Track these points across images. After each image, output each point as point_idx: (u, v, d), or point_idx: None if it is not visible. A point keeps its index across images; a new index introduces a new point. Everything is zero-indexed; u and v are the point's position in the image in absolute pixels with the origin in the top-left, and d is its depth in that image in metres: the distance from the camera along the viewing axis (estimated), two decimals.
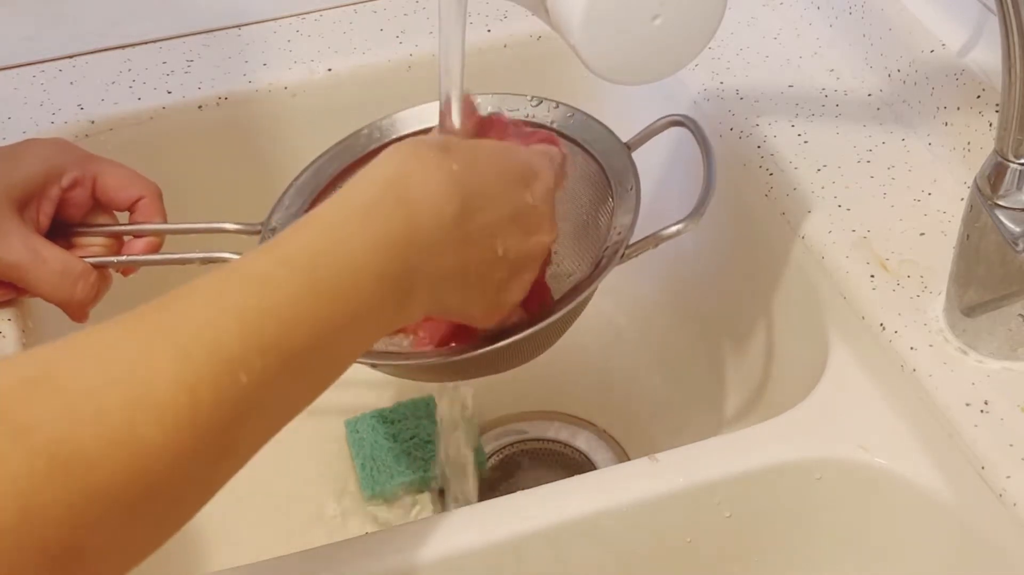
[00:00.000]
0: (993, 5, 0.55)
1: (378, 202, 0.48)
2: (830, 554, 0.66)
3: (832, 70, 0.80)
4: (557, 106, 0.69)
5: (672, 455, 0.63)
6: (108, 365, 0.38)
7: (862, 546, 0.64)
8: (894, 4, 0.79)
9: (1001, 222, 0.58)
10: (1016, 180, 0.58)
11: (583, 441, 0.85)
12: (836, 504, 0.63)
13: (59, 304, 0.63)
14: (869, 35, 0.80)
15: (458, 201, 0.51)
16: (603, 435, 0.85)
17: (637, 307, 0.90)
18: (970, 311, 0.61)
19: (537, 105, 0.69)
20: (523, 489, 0.61)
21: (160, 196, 0.66)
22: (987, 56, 0.72)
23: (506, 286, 0.56)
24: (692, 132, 0.65)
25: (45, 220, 0.63)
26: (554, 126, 0.68)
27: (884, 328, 0.63)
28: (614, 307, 0.90)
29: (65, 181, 0.63)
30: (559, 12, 0.53)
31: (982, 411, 0.59)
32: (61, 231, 0.65)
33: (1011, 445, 0.57)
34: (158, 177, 0.81)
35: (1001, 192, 0.58)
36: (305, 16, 0.88)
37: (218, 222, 0.67)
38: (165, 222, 0.66)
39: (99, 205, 0.66)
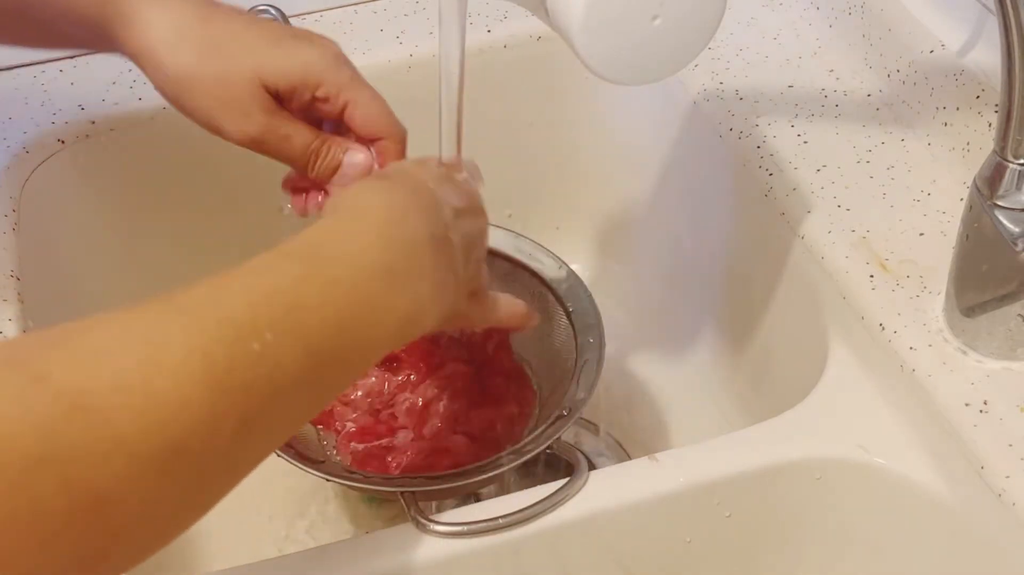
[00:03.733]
0: (993, 5, 0.55)
1: (377, 206, 0.51)
2: (830, 554, 0.66)
3: (832, 70, 0.81)
4: (561, 266, 0.72)
5: (672, 455, 0.63)
6: (123, 332, 0.39)
7: (862, 545, 0.65)
8: (894, 4, 0.79)
9: (1000, 222, 0.58)
10: (1015, 180, 0.58)
11: (583, 441, 0.85)
12: (836, 504, 0.63)
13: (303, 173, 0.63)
14: (869, 35, 0.80)
15: (436, 210, 0.53)
16: (603, 435, 0.85)
17: (637, 307, 0.90)
18: (969, 311, 0.61)
19: (564, 275, 0.72)
20: (522, 489, 0.61)
21: (403, 141, 0.65)
22: (987, 56, 0.72)
23: (472, 267, 0.57)
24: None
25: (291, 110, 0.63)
26: (551, 285, 0.72)
27: (884, 328, 0.63)
28: (614, 306, 0.90)
29: (319, 93, 0.62)
30: (559, 12, 0.53)
31: (981, 411, 0.59)
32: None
33: (1010, 445, 0.57)
34: (159, 178, 0.82)
35: (1000, 192, 0.58)
36: (305, 16, 0.88)
37: None
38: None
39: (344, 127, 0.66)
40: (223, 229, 0.83)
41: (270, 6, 0.86)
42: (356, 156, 0.63)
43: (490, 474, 0.62)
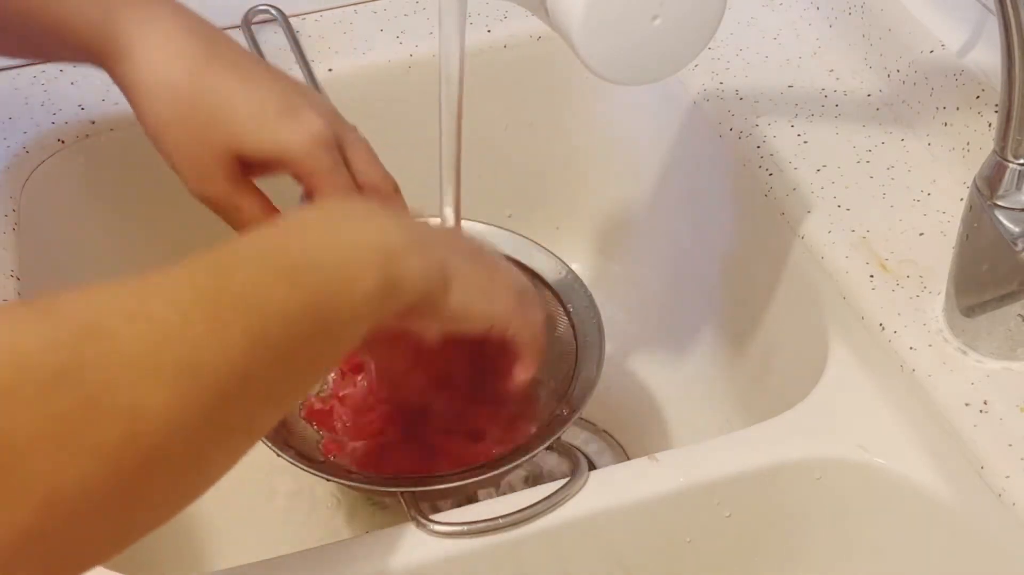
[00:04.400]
0: (993, 5, 0.55)
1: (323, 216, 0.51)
2: (830, 554, 0.66)
3: (832, 70, 0.81)
4: (561, 267, 0.72)
5: (672, 455, 0.63)
6: (122, 282, 0.40)
7: (861, 545, 0.65)
8: (894, 4, 0.79)
9: (1000, 222, 0.58)
10: (1015, 180, 0.58)
11: (583, 441, 0.85)
12: (836, 504, 0.63)
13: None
14: (869, 35, 0.80)
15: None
16: (603, 435, 0.85)
17: (637, 307, 0.90)
18: (969, 311, 0.61)
19: (564, 275, 0.72)
20: (524, 488, 0.61)
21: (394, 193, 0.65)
22: (987, 56, 0.72)
23: (486, 257, 0.57)
24: None
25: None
26: (552, 285, 0.71)
27: (884, 328, 0.63)
28: (614, 306, 0.90)
29: (292, 173, 0.62)
30: (559, 12, 0.53)
31: (981, 411, 0.59)
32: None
33: (1010, 445, 0.57)
34: (160, 178, 0.81)
35: (1000, 192, 0.58)
36: (305, 16, 0.88)
37: None
38: None
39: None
40: (223, 229, 0.83)
41: (271, 6, 0.86)
42: None
43: (489, 474, 0.62)
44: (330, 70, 0.84)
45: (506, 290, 0.57)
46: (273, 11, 0.86)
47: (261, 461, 0.62)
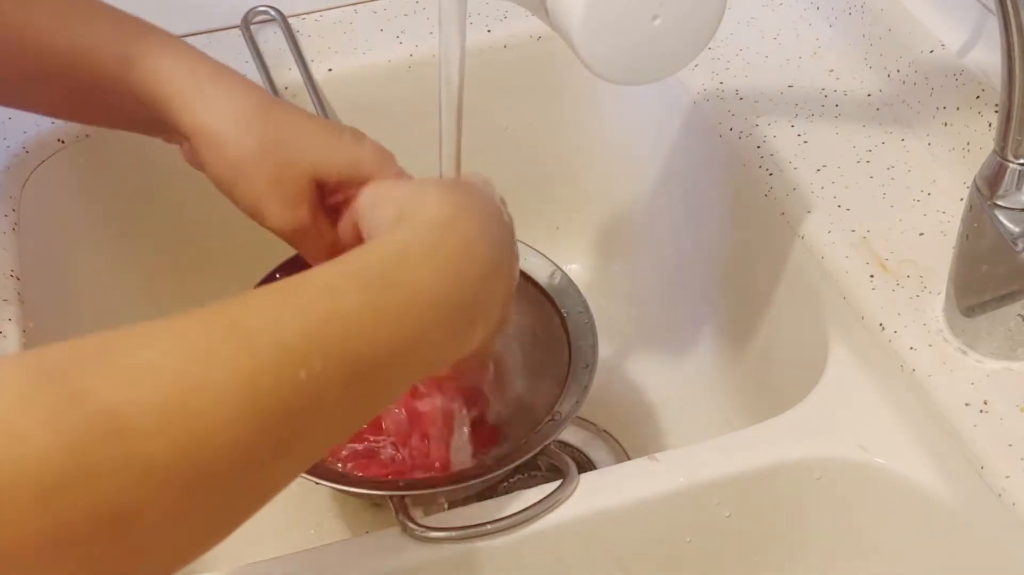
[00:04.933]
0: (993, 5, 0.55)
1: (449, 238, 0.50)
2: (830, 553, 0.66)
3: (832, 70, 0.81)
4: (554, 270, 0.72)
5: (672, 455, 0.63)
6: (168, 344, 0.38)
7: (861, 545, 0.65)
8: (894, 4, 0.79)
9: (1000, 222, 0.58)
10: (1016, 180, 0.58)
11: (583, 441, 0.85)
12: (836, 504, 0.63)
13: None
14: (869, 35, 0.80)
15: (490, 241, 0.53)
16: (603, 435, 0.85)
17: (637, 307, 0.90)
18: (969, 311, 0.61)
19: (558, 279, 0.72)
20: (522, 489, 0.61)
21: None
22: (987, 56, 0.72)
23: (508, 304, 0.57)
24: None
25: (329, 204, 0.63)
26: (545, 289, 0.72)
27: (884, 328, 0.63)
28: (614, 306, 0.90)
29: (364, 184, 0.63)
30: (559, 12, 0.53)
31: (981, 411, 0.59)
32: None
33: (1010, 445, 0.57)
34: (160, 178, 0.82)
35: (1000, 192, 0.58)
36: (305, 16, 0.88)
37: None
38: None
39: None
40: (224, 228, 0.83)
41: (270, 7, 0.86)
42: None
43: (480, 479, 0.62)
44: (330, 70, 0.84)
45: (499, 329, 0.58)
46: (272, 12, 0.86)
47: None
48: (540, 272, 0.72)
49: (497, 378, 0.70)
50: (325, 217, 0.63)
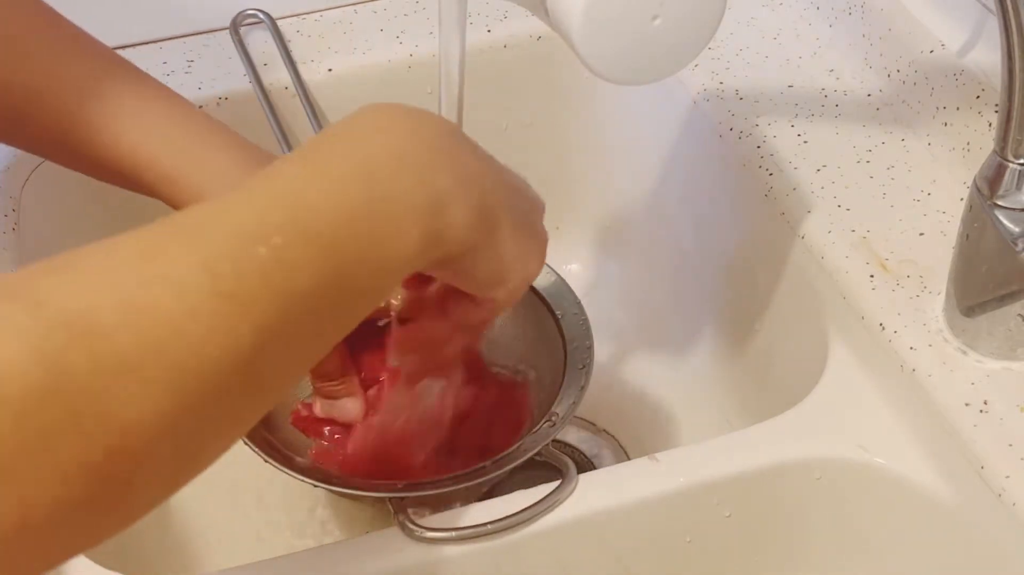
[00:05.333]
0: (993, 5, 0.55)
1: (386, 112, 0.48)
2: (830, 553, 0.66)
3: (832, 70, 0.81)
4: (549, 272, 0.71)
5: (672, 455, 0.63)
6: (123, 252, 0.38)
7: (861, 545, 0.65)
8: (894, 4, 0.79)
9: (1000, 222, 0.58)
10: (1016, 180, 0.58)
11: (583, 441, 0.85)
12: (836, 504, 0.63)
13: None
14: (869, 35, 0.80)
15: (445, 124, 0.51)
16: (603, 435, 0.85)
17: (637, 306, 0.90)
18: (969, 311, 0.61)
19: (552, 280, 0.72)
20: (522, 489, 0.61)
21: None
22: (987, 56, 0.72)
23: (528, 219, 0.55)
24: None
25: None
26: (540, 291, 0.71)
27: (884, 328, 0.63)
28: (614, 306, 0.90)
29: None
30: (559, 12, 0.53)
31: (981, 411, 0.59)
32: None
33: (1010, 445, 0.57)
34: None
35: (1000, 192, 0.58)
36: (305, 16, 0.88)
37: None
38: None
39: None
40: None
41: (259, 10, 0.86)
42: (352, 405, 0.65)
43: (476, 482, 0.62)
44: (330, 70, 0.84)
45: (534, 255, 0.55)
46: (261, 15, 0.86)
47: (253, 463, 0.62)
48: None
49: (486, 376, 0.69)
50: None
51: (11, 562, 0.33)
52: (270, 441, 0.64)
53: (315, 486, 0.64)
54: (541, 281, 0.71)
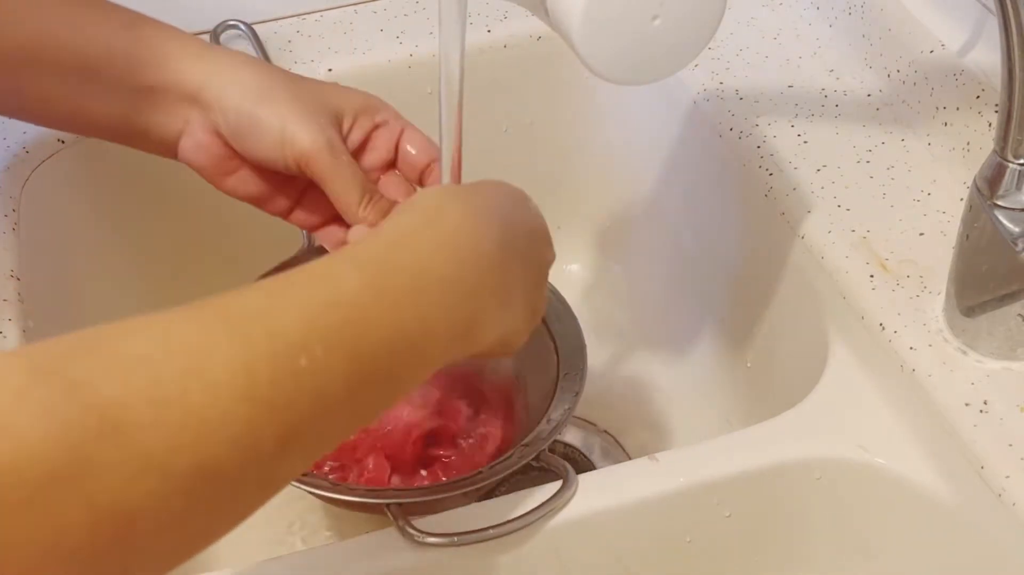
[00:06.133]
0: (993, 5, 0.55)
1: (452, 216, 0.49)
2: (830, 553, 0.66)
3: (832, 70, 0.81)
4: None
5: (672, 455, 0.63)
6: (164, 338, 0.37)
7: (861, 545, 0.65)
8: (894, 4, 0.79)
9: (1000, 222, 0.58)
10: (1015, 180, 0.58)
11: (583, 441, 0.85)
12: (836, 504, 0.63)
13: (343, 208, 0.63)
14: (869, 35, 0.80)
15: (513, 224, 0.52)
16: (603, 435, 0.85)
17: (637, 307, 0.90)
18: (969, 311, 0.61)
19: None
20: (522, 489, 0.61)
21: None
22: (987, 56, 0.72)
23: (539, 294, 0.56)
24: None
25: (350, 146, 0.64)
26: None
27: (884, 328, 0.63)
28: (614, 306, 0.90)
29: (378, 117, 0.65)
30: (559, 12, 0.53)
31: (981, 411, 0.59)
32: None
33: (1010, 445, 0.57)
34: (160, 178, 0.82)
35: (1000, 192, 0.58)
36: (305, 16, 0.88)
37: None
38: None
39: (394, 162, 0.66)
40: (225, 228, 0.83)
41: (240, 22, 0.86)
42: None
43: (476, 486, 0.62)
44: (330, 70, 0.84)
45: (529, 329, 0.57)
46: (242, 27, 0.86)
47: None
48: None
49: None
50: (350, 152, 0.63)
51: None
52: None
53: (311, 494, 0.64)
54: None
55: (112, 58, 0.62)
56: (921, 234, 0.68)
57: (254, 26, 0.86)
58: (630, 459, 0.81)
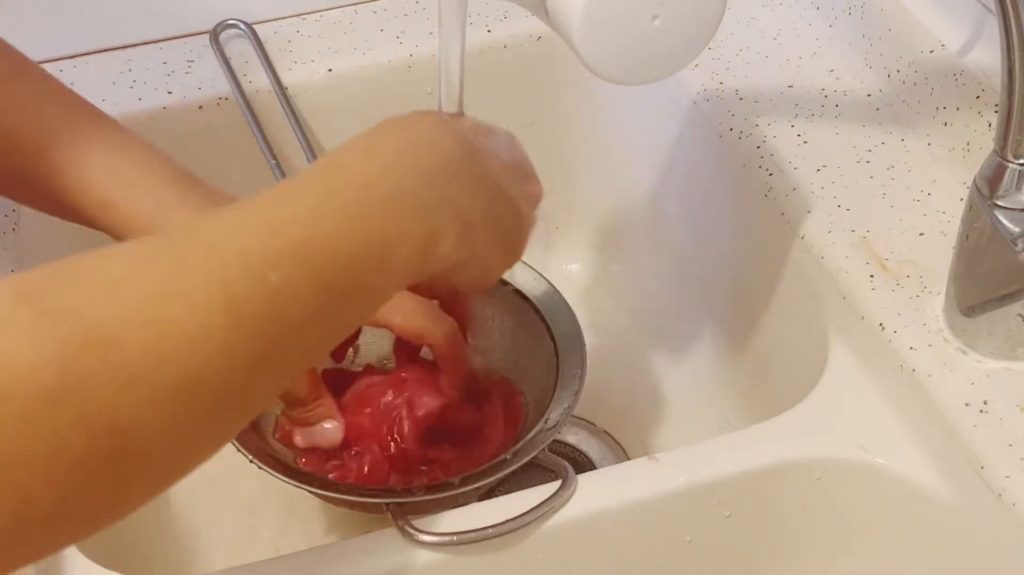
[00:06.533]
0: (993, 5, 0.55)
1: (389, 138, 0.50)
2: (830, 553, 0.66)
3: (832, 70, 0.81)
4: (546, 284, 0.71)
5: (672, 455, 0.63)
6: (140, 261, 0.39)
7: (861, 545, 0.65)
8: (894, 4, 0.79)
9: (1000, 222, 0.58)
10: (1015, 180, 0.58)
11: (583, 441, 0.85)
12: (836, 504, 0.63)
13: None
14: (869, 35, 0.80)
15: (464, 143, 0.52)
16: (603, 435, 0.85)
17: (637, 306, 0.90)
18: (969, 311, 0.61)
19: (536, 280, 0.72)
20: (521, 490, 0.61)
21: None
22: (987, 56, 0.72)
23: (517, 229, 0.56)
24: None
25: None
26: (528, 296, 0.71)
27: (884, 328, 0.63)
28: (614, 306, 0.90)
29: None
30: (559, 12, 0.53)
31: (981, 411, 0.59)
32: None
33: (1010, 445, 0.57)
34: None
35: (1000, 192, 0.58)
36: (305, 16, 0.88)
37: None
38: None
39: None
40: None
41: (240, 21, 0.86)
42: (331, 427, 0.65)
43: (475, 485, 0.62)
44: (330, 70, 0.84)
45: (504, 266, 0.57)
46: (242, 26, 0.86)
47: (250, 465, 0.63)
48: (520, 278, 0.71)
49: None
50: None
51: (5, 553, 0.34)
52: (266, 449, 0.64)
53: (310, 492, 0.64)
54: (533, 289, 0.71)
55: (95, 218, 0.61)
56: (921, 234, 0.68)
57: (254, 26, 0.86)
58: (630, 459, 0.81)
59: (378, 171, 0.48)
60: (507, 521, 0.58)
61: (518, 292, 0.71)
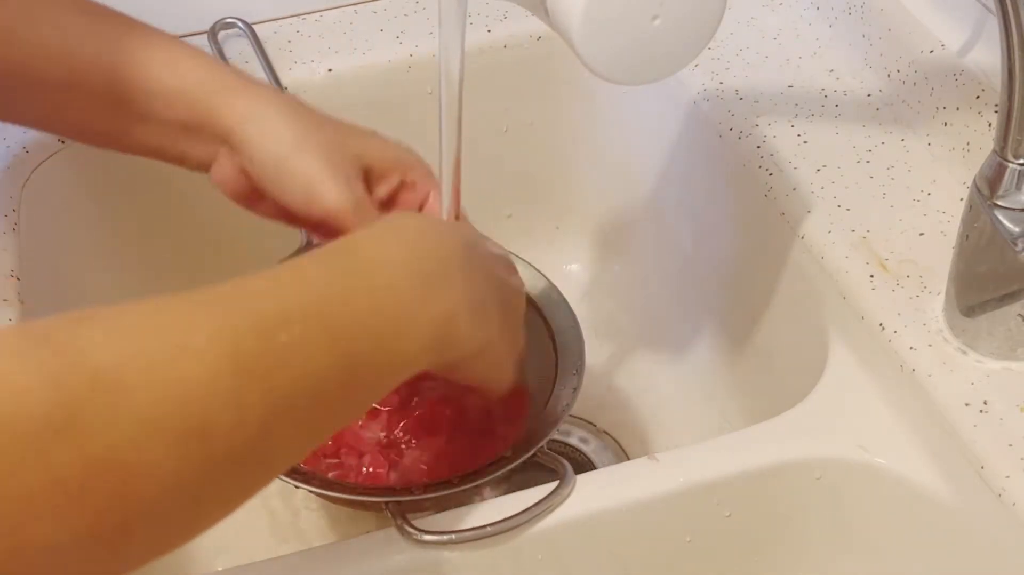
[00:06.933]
0: (993, 5, 0.55)
1: (400, 230, 0.52)
2: (830, 553, 0.66)
3: (832, 70, 0.81)
4: (545, 281, 0.72)
5: (672, 455, 0.63)
6: (152, 316, 0.40)
7: (861, 545, 0.65)
8: (894, 4, 0.79)
9: (1000, 222, 0.58)
10: (1015, 180, 0.58)
11: (583, 441, 0.85)
12: (836, 504, 0.63)
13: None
14: (869, 35, 0.80)
15: (465, 237, 0.55)
16: (603, 435, 0.85)
17: (637, 306, 0.90)
18: (969, 311, 0.61)
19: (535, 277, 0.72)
20: (521, 490, 0.61)
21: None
22: (986, 56, 0.72)
23: (516, 317, 0.58)
24: None
25: (377, 199, 0.64)
26: (531, 297, 0.71)
27: (883, 328, 0.63)
28: (614, 306, 0.90)
29: (409, 176, 0.65)
30: (559, 12, 0.53)
31: (981, 411, 0.59)
32: None
33: (1010, 445, 0.57)
34: (160, 178, 0.82)
35: (1000, 192, 0.58)
36: (305, 16, 0.88)
37: None
38: None
39: None
40: (225, 228, 0.83)
41: (239, 20, 0.86)
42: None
43: (474, 484, 0.62)
44: (330, 70, 0.84)
45: (513, 358, 0.59)
46: (241, 25, 0.86)
47: None
48: (525, 280, 0.71)
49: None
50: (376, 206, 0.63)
51: None
52: None
53: (309, 491, 0.64)
54: (532, 286, 0.71)
55: (149, 94, 0.62)
56: (921, 234, 0.68)
57: (254, 26, 0.86)
58: (630, 459, 0.81)
59: (397, 250, 0.49)
60: (506, 520, 0.58)
61: None
